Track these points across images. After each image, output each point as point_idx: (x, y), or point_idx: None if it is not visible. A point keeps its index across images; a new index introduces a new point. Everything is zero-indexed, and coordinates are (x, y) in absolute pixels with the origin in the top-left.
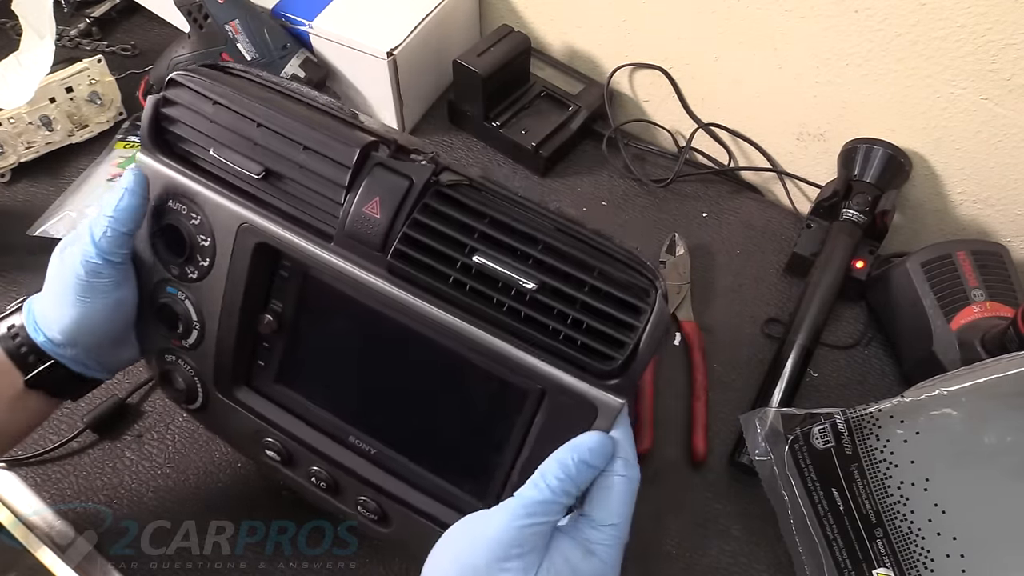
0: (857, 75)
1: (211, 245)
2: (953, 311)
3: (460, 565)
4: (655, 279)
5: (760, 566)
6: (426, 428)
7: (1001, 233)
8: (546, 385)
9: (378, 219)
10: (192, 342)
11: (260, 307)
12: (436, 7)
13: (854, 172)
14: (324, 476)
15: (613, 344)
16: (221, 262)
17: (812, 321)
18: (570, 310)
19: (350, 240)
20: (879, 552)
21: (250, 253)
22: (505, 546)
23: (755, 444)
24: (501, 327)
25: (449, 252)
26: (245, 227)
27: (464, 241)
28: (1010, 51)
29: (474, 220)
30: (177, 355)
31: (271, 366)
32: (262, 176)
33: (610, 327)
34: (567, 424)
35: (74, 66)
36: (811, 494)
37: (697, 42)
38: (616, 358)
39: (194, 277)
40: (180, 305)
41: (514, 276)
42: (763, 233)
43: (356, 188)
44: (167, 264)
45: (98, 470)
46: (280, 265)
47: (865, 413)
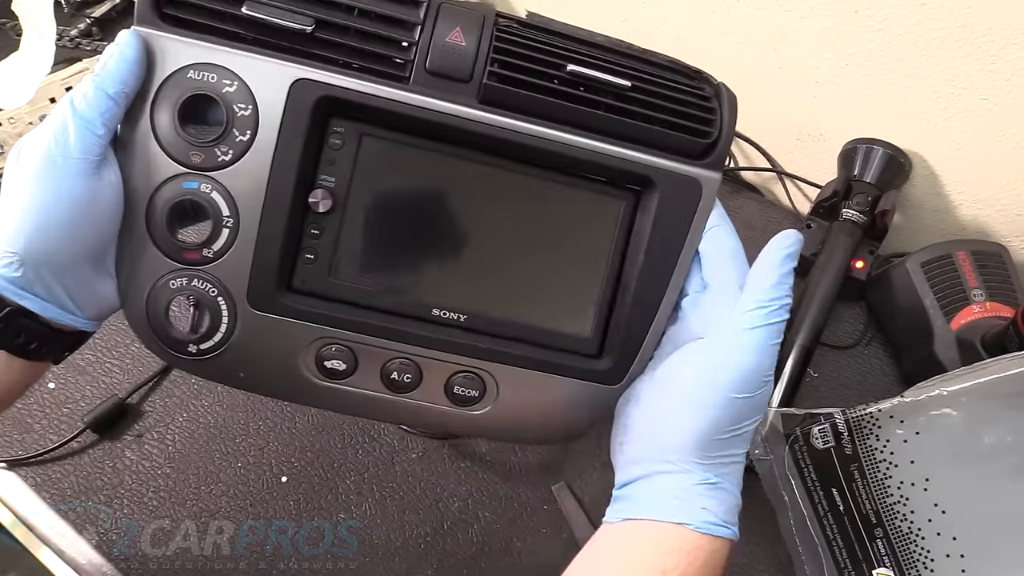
0: (857, 75)
1: (252, 113)
2: (953, 311)
3: (717, 401)
4: (704, 73)
5: (760, 566)
6: (518, 276)
7: (1001, 233)
8: (653, 174)
9: (463, 47)
10: (219, 247)
11: (310, 184)
12: None
13: (854, 172)
14: (407, 367)
15: (705, 122)
16: (266, 132)
17: (812, 321)
18: (662, 100)
19: (432, 76)
20: (879, 552)
21: (309, 111)
22: (765, 370)
23: (755, 444)
24: (601, 131)
25: (542, 67)
26: (301, 83)
27: (555, 52)
28: (1010, 51)
29: (555, 38)
30: (191, 275)
31: (322, 257)
32: (313, 29)
33: (698, 110)
34: (674, 212)
35: (74, 66)
36: (811, 494)
37: (697, 42)
38: (711, 132)
39: (227, 159)
40: (206, 199)
41: (609, 77)
42: (763, 233)
43: (432, 22)
44: (186, 152)
45: (98, 470)
46: (330, 133)
47: (865, 413)
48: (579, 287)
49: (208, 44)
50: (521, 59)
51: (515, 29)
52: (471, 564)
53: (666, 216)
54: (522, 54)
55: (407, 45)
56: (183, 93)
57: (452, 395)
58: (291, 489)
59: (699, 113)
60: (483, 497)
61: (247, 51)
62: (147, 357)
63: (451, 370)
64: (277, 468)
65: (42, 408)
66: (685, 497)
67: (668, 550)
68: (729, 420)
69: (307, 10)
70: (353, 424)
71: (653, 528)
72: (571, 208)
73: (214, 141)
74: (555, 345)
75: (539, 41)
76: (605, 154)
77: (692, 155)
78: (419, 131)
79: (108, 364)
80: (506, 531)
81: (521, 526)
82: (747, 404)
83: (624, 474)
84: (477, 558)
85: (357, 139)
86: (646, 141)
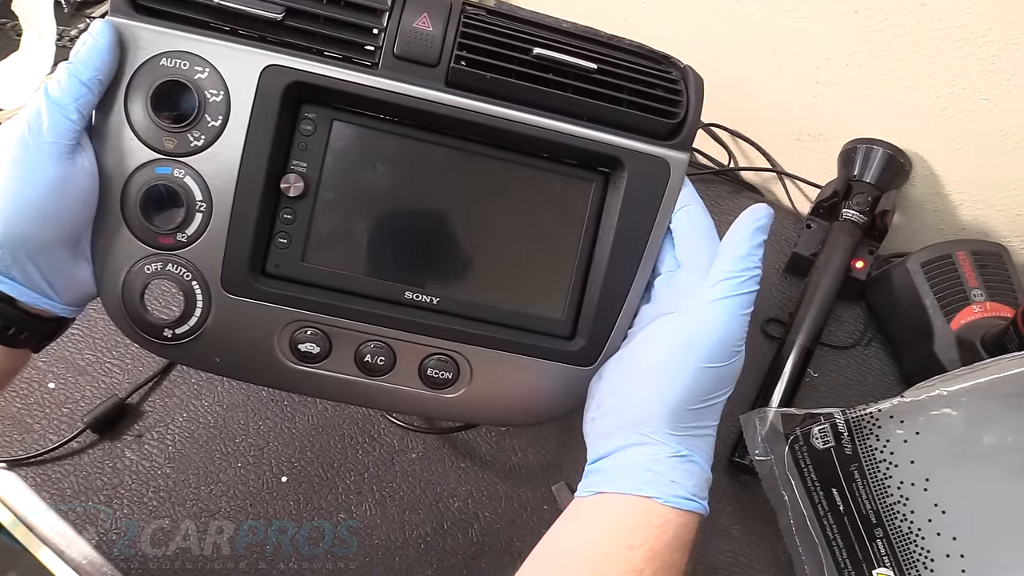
0: (857, 75)
1: (224, 99)
2: (953, 311)
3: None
4: (671, 57)
5: (760, 566)
6: (491, 258)
7: (1001, 233)
8: (620, 155)
9: (430, 32)
10: (193, 232)
11: (282, 170)
12: None
13: (854, 172)
14: (380, 349)
15: (671, 103)
16: (238, 118)
17: (812, 321)
18: (628, 83)
19: (400, 61)
20: (879, 552)
21: (279, 97)
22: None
23: (755, 444)
24: (569, 112)
25: (509, 51)
26: (272, 69)
27: (522, 37)
28: (1010, 51)
29: (522, 24)
30: (166, 260)
31: (296, 241)
32: (283, 17)
33: (664, 91)
34: (643, 193)
35: None
36: (811, 494)
37: (697, 42)
38: (677, 112)
39: (199, 144)
40: (179, 184)
41: (575, 60)
42: None
43: (399, 8)
44: (160, 138)
45: (98, 470)
46: (302, 118)
47: (865, 413)
48: (551, 269)
49: (180, 33)
50: (488, 43)
51: (482, 16)
52: (471, 564)
53: (635, 196)
54: (489, 39)
55: (376, 31)
56: (155, 80)
57: (426, 378)
58: (291, 489)
59: (665, 95)
60: (483, 497)
61: (219, 39)
62: (147, 357)
63: (424, 352)
64: (277, 468)
65: (42, 408)
66: (655, 470)
67: (636, 525)
68: (701, 390)
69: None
70: (353, 424)
71: (622, 501)
72: (542, 190)
73: (186, 126)
74: (528, 327)
75: (506, 27)
76: (573, 135)
77: (660, 136)
78: (388, 115)
79: (108, 364)
80: (506, 531)
81: (521, 526)
82: (718, 374)
83: (596, 449)
84: (477, 558)
85: (328, 124)
86: (613, 122)
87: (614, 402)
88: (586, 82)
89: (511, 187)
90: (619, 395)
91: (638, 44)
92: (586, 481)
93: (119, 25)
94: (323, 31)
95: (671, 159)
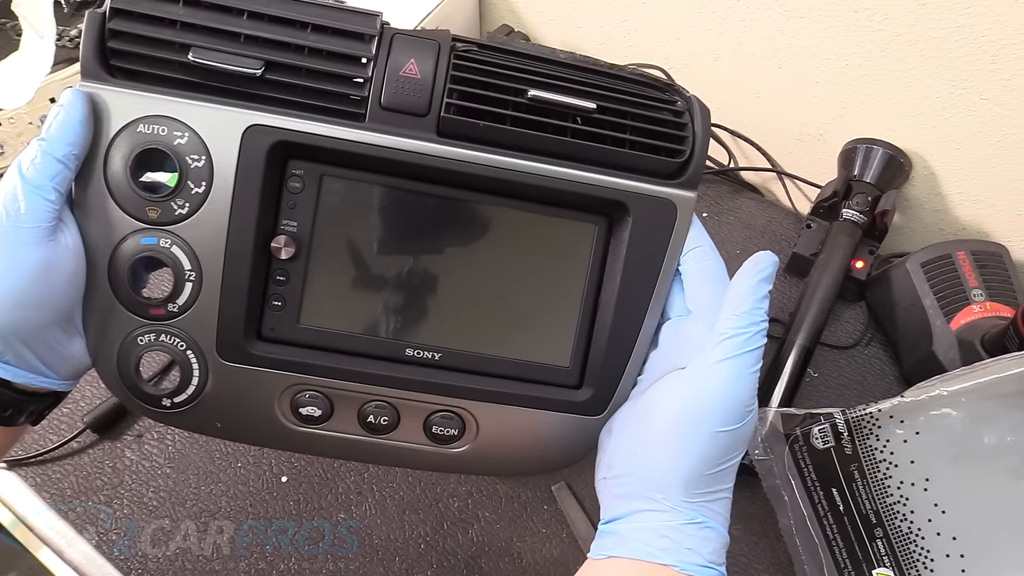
0: (857, 75)
1: (206, 164)
2: (953, 311)
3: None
4: (676, 85)
5: (760, 566)
6: (493, 309)
7: (1001, 233)
8: (624, 198)
9: (419, 79)
10: (184, 301)
11: (272, 231)
12: (436, 7)
13: (854, 172)
14: (383, 409)
15: (676, 140)
16: (222, 182)
17: (812, 321)
18: (630, 120)
19: (388, 112)
20: (879, 552)
21: (264, 158)
22: (747, 401)
23: (755, 444)
24: (567, 156)
25: (502, 94)
26: (254, 129)
27: (515, 77)
28: (1010, 51)
29: (515, 60)
30: (159, 331)
31: (290, 303)
32: (262, 72)
33: (669, 127)
34: (649, 236)
35: (74, 66)
36: (811, 494)
37: (697, 42)
38: (683, 150)
39: (184, 213)
40: (166, 254)
41: (573, 100)
42: (763, 233)
43: (385, 55)
44: (143, 207)
45: (98, 470)
46: (289, 176)
47: (865, 413)
48: (556, 317)
49: (157, 96)
50: (480, 87)
51: (473, 54)
52: (471, 564)
53: (641, 240)
54: (480, 82)
55: (361, 81)
56: (134, 148)
57: (431, 434)
58: (291, 489)
59: (670, 131)
60: (483, 497)
61: (197, 100)
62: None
63: (428, 410)
64: (277, 468)
65: None
66: (671, 537)
67: None
68: (715, 455)
69: (256, 52)
70: None
71: (637, 568)
72: (542, 237)
73: (169, 195)
74: (534, 378)
75: (499, 66)
76: (573, 181)
77: (665, 175)
78: (379, 169)
79: None
80: (506, 531)
81: (521, 526)
82: (731, 436)
83: (609, 509)
84: (477, 558)
85: (317, 181)
86: (615, 164)
87: (627, 465)
88: (586, 123)
89: (510, 234)
90: (631, 457)
91: (641, 73)
92: (599, 542)
93: (92, 93)
94: (305, 84)
95: (678, 199)
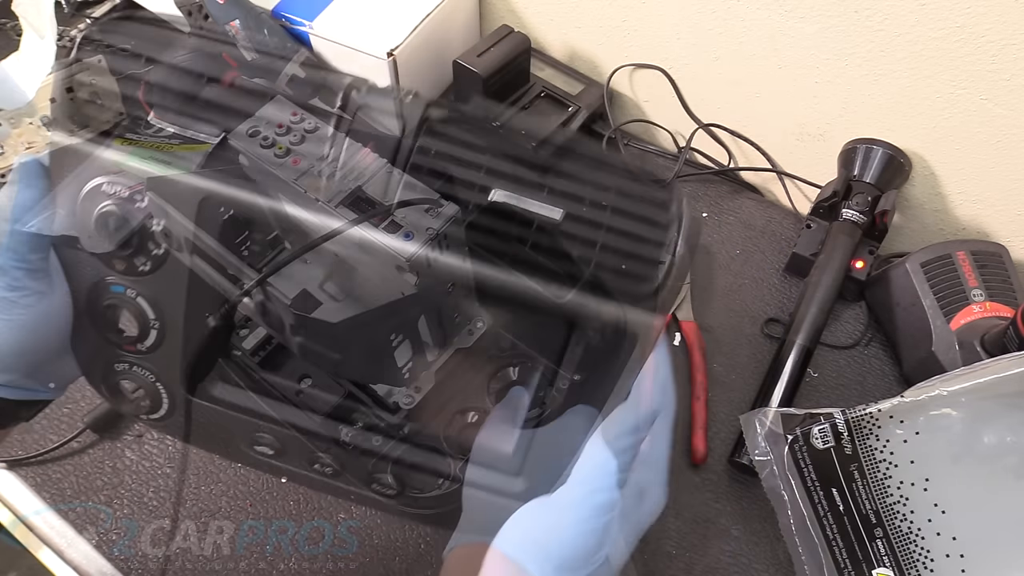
0: (857, 75)
1: (163, 228)
2: (953, 311)
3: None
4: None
5: (760, 566)
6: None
7: (1001, 233)
8: (587, 321)
9: None
10: (150, 344)
11: (233, 284)
12: (436, 7)
13: (854, 172)
14: (327, 463)
15: (650, 264)
16: (180, 244)
17: (812, 321)
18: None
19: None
20: (879, 552)
21: (219, 225)
22: (591, 551)
23: (755, 444)
24: (526, 267)
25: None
26: (211, 197)
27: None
28: (1010, 51)
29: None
30: (131, 362)
31: (249, 353)
32: (220, 138)
33: (646, 249)
34: (606, 356)
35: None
36: (811, 494)
37: (697, 42)
38: (654, 279)
39: (145, 270)
40: (131, 304)
41: (539, 212)
42: (763, 233)
43: None
44: (110, 259)
45: (98, 470)
46: (247, 233)
47: (865, 413)
48: None
49: (119, 150)
50: None
51: None
52: None
53: (596, 359)
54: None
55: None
56: (96, 206)
57: (374, 489)
58: (291, 489)
59: (645, 252)
60: None
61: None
62: None
63: (371, 470)
64: None
65: None
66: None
67: None
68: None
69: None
70: None
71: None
72: None
73: (132, 253)
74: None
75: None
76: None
77: (633, 298)
78: None
79: None
80: None
81: None
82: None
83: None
84: None
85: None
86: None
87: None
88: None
89: None
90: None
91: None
92: None
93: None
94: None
95: (641, 326)
